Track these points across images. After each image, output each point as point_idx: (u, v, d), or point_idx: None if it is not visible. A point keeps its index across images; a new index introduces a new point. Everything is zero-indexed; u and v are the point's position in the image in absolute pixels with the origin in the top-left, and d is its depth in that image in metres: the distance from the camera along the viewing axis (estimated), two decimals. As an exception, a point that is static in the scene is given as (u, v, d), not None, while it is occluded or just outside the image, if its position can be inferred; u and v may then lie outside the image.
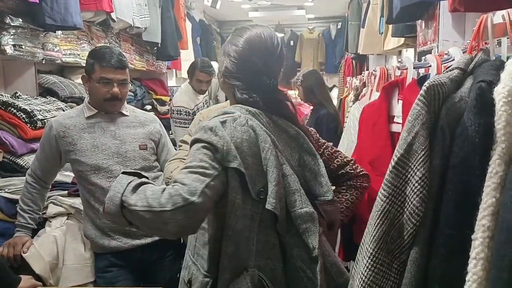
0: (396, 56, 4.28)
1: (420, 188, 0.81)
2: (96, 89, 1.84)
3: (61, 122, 1.87)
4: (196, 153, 1.12)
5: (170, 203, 1.03)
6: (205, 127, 1.14)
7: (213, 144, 1.11)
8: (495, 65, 0.87)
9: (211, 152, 1.11)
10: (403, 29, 3.08)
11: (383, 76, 2.08)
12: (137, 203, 1.07)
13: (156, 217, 1.05)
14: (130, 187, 1.11)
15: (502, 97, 0.75)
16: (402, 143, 0.84)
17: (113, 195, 1.12)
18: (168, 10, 4.41)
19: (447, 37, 2.26)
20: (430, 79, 0.85)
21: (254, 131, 1.14)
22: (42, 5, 2.34)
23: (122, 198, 1.10)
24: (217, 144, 1.11)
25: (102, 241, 1.87)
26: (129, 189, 1.11)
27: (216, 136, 1.11)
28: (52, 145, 1.87)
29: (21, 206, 1.88)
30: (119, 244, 1.87)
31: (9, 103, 2.29)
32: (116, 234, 1.87)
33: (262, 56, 1.21)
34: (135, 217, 1.09)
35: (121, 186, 1.12)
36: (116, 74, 1.83)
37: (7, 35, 2.34)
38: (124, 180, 1.14)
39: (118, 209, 1.10)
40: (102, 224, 1.85)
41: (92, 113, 1.89)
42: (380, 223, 0.84)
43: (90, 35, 3.26)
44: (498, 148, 0.73)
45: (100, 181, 1.83)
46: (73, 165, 1.88)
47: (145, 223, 1.09)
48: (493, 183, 0.72)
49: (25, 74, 2.69)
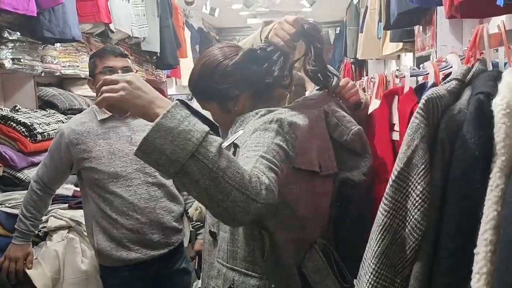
0: (395, 60, 4.29)
1: (421, 202, 0.81)
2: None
3: (73, 129, 1.79)
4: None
5: (263, 196, 0.89)
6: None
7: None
8: (493, 76, 0.87)
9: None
10: (401, 34, 3.09)
11: (381, 83, 2.07)
12: (227, 171, 0.86)
13: (243, 201, 0.86)
14: (215, 142, 0.87)
15: (501, 109, 0.74)
16: (402, 157, 0.83)
17: (180, 133, 0.85)
18: (166, 19, 4.42)
19: (445, 42, 2.26)
20: (429, 92, 0.85)
21: None
22: (40, 18, 2.35)
23: (199, 148, 0.85)
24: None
25: (119, 253, 1.78)
26: (213, 144, 0.87)
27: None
28: (63, 153, 1.79)
29: (23, 212, 1.82)
30: (139, 255, 1.78)
31: (9, 117, 2.29)
32: (136, 245, 1.79)
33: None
34: (204, 181, 0.85)
35: (197, 131, 0.86)
36: (117, 61, 1.78)
37: (6, 49, 2.35)
38: (200, 125, 0.88)
39: (184, 154, 0.84)
40: (120, 235, 1.77)
41: (105, 116, 1.82)
42: (382, 238, 0.84)
43: (89, 47, 3.27)
44: (498, 161, 0.73)
45: (119, 189, 1.76)
46: (87, 173, 1.79)
47: (215, 195, 0.86)
48: (494, 196, 0.72)
49: (24, 87, 2.69)
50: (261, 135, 1.03)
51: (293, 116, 1.09)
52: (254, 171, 0.92)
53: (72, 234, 2.00)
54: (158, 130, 0.85)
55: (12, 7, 2.06)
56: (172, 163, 0.85)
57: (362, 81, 3.40)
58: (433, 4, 2.07)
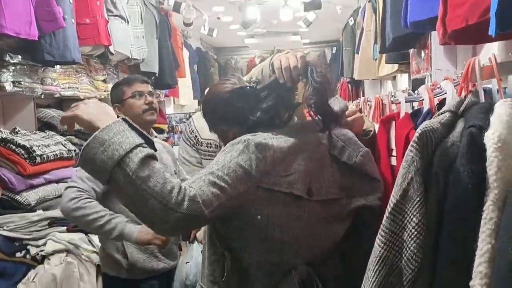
0: (391, 81, 4.34)
1: (417, 234, 0.82)
2: (132, 104, 1.91)
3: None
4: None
5: (184, 206, 0.95)
6: None
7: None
8: (484, 108, 0.89)
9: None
10: (397, 56, 3.13)
11: (378, 106, 2.11)
12: (147, 181, 0.93)
13: (160, 209, 0.93)
14: (141, 153, 0.95)
15: (493, 143, 0.77)
16: (397, 189, 0.85)
17: (111, 144, 0.94)
18: (165, 40, 4.48)
19: (440, 66, 2.30)
20: (423, 125, 0.87)
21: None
22: (41, 42, 2.38)
23: (125, 157, 0.93)
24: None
25: (151, 264, 1.86)
26: (138, 155, 0.94)
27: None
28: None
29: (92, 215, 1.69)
30: (164, 265, 1.90)
31: (8, 139, 2.31)
32: (163, 255, 1.90)
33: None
34: (127, 189, 0.94)
35: (127, 142, 0.95)
36: (143, 87, 1.95)
37: (7, 72, 2.38)
38: (133, 139, 0.97)
39: (111, 163, 0.93)
40: (153, 246, 1.85)
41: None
42: (379, 269, 0.85)
43: (89, 68, 3.31)
44: (491, 194, 0.75)
45: None
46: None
47: (136, 202, 0.95)
48: (488, 229, 0.73)
49: (24, 109, 2.72)
50: (224, 154, 1.08)
51: (266, 139, 1.10)
52: (184, 184, 0.99)
53: (71, 258, 1.99)
54: (94, 142, 0.95)
55: (14, 32, 2.10)
56: (103, 171, 0.95)
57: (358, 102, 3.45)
58: (427, 29, 2.11)
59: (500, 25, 1.05)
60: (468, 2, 1.31)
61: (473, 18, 1.28)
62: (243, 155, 1.07)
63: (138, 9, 3.80)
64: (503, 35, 1.29)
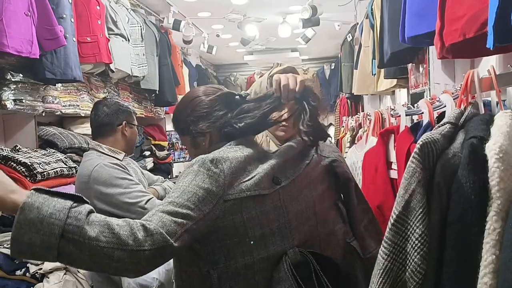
0: (390, 96, 4.36)
1: (421, 246, 0.82)
2: (135, 133, 2.24)
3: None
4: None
5: (149, 242, 0.93)
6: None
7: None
8: (485, 120, 0.89)
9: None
10: (395, 71, 3.15)
11: (377, 121, 2.12)
12: (101, 238, 0.88)
13: (128, 255, 0.90)
14: (79, 214, 0.89)
15: (494, 154, 0.77)
16: (400, 201, 0.85)
17: (42, 220, 0.85)
18: (165, 58, 4.52)
19: (438, 80, 2.32)
20: (424, 137, 0.88)
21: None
22: (42, 60, 2.41)
23: (66, 226, 0.86)
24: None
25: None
26: (78, 217, 0.88)
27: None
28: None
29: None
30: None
31: (9, 157, 2.31)
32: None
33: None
34: (83, 255, 0.88)
35: (58, 211, 0.87)
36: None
37: (8, 91, 2.39)
38: (60, 204, 0.89)
39: (54, 239, 0.85)
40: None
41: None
42: (383, 282, 0.84)
43: (90, 86, 3.33)
44: (494, 205, 0.75)
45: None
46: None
47: (100, 262, 0.90)
48: (492, 240, 0.73)
49: (25, 127, 2.72)
50: (181, 180, 1.07)
51: (220, 153, 1.11)
52: (141, 221, 0.96)
53: (69, 276, 1.98)
54: (21, 227, 0.85)
55: (16, 51, 2.12)
56: (47, 251, 0.86)
57: (358, 117, 3.46)
58: (424, 44, 2.13)
59: (498, 38, 1.06)
60: (465, 16, 1.32)
61: (470, 32, 1.30)
62: (200, 176, 1.06)
63: (138, 28, 3.84)
64: (501, 48, 1.31)
